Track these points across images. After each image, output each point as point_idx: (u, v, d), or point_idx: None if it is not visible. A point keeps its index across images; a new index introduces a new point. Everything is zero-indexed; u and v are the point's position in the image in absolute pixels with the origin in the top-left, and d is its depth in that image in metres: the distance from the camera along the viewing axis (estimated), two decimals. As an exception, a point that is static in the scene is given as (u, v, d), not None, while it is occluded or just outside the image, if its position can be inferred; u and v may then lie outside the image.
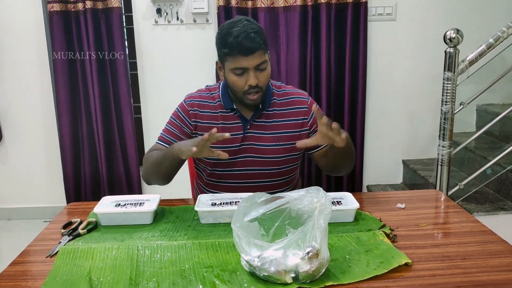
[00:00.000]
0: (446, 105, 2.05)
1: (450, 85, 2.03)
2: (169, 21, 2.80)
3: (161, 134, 1.50)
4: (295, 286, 0.90)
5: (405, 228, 1.17)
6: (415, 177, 2.83)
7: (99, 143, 2.86)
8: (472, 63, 2.07)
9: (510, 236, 1.16)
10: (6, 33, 2.83)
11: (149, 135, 2.99)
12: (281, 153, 1.46)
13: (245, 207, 1.00)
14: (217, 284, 0.92)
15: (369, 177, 3.05)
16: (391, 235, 1.12)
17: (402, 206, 1.32)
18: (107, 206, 1.25)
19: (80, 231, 1.17)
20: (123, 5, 2.76)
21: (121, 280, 0.95)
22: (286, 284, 0.91)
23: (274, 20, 2.74)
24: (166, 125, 1.51)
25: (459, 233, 1.16)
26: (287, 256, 0.91)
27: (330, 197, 0.97)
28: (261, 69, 1.35)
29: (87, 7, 2.66)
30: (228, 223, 1.17)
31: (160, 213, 1.29)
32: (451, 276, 0.94)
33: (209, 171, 1.50)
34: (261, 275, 0.92)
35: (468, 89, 2.52)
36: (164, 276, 0.96)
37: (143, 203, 1.26)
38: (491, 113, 2.75)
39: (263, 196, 1.02)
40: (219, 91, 1.48)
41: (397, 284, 0.92)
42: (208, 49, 2.79)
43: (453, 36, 1.97)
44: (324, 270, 0.93)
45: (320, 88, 2.79)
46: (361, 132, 2.89)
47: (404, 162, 3.02)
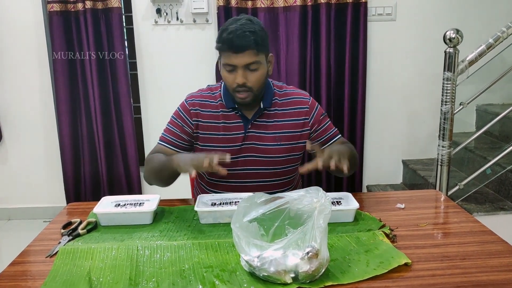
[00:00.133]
0: (446, 105, 2.05)
1: (450, 85, 2.03)
2: (169, 21, 2.80)
3: (162, 134, 1.50)
4: (294, 286, 0.90)
5: (405, 228, 1.17)
6: (415, 177, 2.83)
7: (99, 143, 2.86)
8: (472, 63, 2.07)
9: (509, 236, 1.16)
10: (6, 33, 2.83)
11: (149, 135, 2.99)
12: (282, 153, 1.46)
13: (244, 207, 1.00)
14: (216, 284, 0.92)
15: (369, 177, 3.05)
16: (390, 235, 1.12)
17: (402, 206, 1.32)
18: (106, 206, 1.25)
19: (79, 231, 1.17)
20: (123, 5, 2.76)
21: (120, 280, 0.95)
22: (285, 284, 0.91)
23: (274, 20, 2.74)
24: (167, 125, 1.50)
25: (459, 233, 1.16)
26: (287, 256, 0.91)
27: (329, 197, 0.97)
28: (251, 69, 1.34)
29: (87, 7, 2.66)
30: (228, 223, 1.17)
31: (160, 213, 1.29)
32: (450, 276, 0.94)
33: (210, 170, 1.50)
34: (261, 275, 0.92)
35: (468, 89, 2.52)
36: (164, 276, 0.96)
37: (143, 203, 1.26)
38: (491, 113, 2.75)
39: (262, 197, 1.03)
40: (220, 90, 1.48)
41: (397, 284, 0.92)
42: (208, 49, 2.79)
43: (453, 36, 1.97)
44: (323, 270, 0.93)
45: (320, 88, 2.79)
46: (361, 132, 2.89)
47: (404, 162, 3.02)
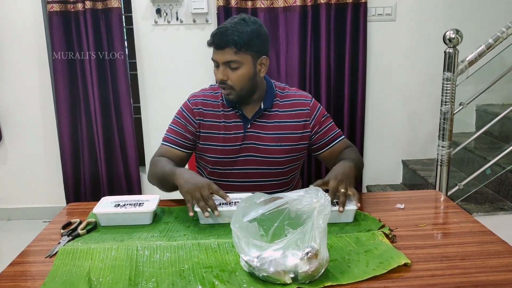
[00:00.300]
0: (445, 105, 2.05)
1: (449, 86, 2.03)
2: (168, 22, 2.80)
3: (165, 135, 1.50)
4: (294, 287, 0.90)
5: (405, 229, 1.17)
6: (415, 177, 2.83)
7: (98, 143, 2.86)
8: (471, 63, 2.07)
9: (509, 237, 1.16)
10: (6, 34, 2.83)
11: (149, 135, 2.99)
12: (282, 154, 1.46)
13: (244, 207, 1.00)
14: (216, 284, 0.92)
15: (369, 177, 3.05)
16: (390, 236, 1.12)
17: (402, 206, 1.32)
18: (106, 207, 1.25)
19: (79, 231, 1.17)
20: (122, 6, 2.76)
21: (120, 280, 0.95)
22: (285, 285, 0.91)
23: (273, 20, 2.74)
24: (170, 125, 1.51)
25: (459, 233, 1.16)
26: (286, 257, 0.91)
27: (329, 198, 0.97)
28: (231, 67, 1.36)
29: (86, 7, 2.66)
30: (227, 224, 1.17)
31: (159, 214, 1.29)
32: (450, 277, 0.94)
33: (210, 169, 1.51)
34: (260, 275, 0.92)
35: (467, 90, 2.52)
36: (164, 276, 0.96)
37: (143, 203, 1.26)
38: (490, 113, 2.75)
39: (262, 197, 1.03)
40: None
41: (396, 285, 0.92)
42: (208, 49, 2.77)
43: (453, 36, 1.97)
44: (323, 271, 0.93)
45: (320, 88, 2.79)
46: (360, 132, 2.89)
47: (404, 162, 3.02)
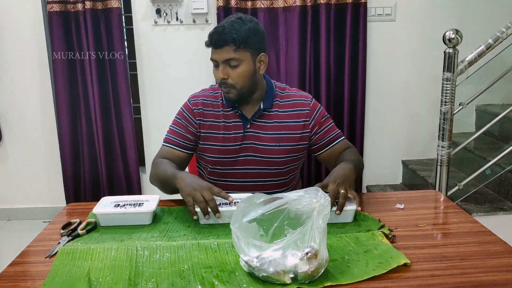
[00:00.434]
0: (445, 105, 2.05)
1: (449, 86, 2.03)
2: (168, 22, 2.80)
3: (166, 136, 1.50)
4: (294, 287, 0.90)
5: (404, 229, 1.17)
6: (415, 177, 2.83)
7: (98, 143, 2.86)
8: (471, 63, 2.07)
9: (509, 237, 1.16)
10: (6, 34, 2.83)
11: (148, 135, 2.99)
12: (282, 154, 1.46)
13: (244, 207, 1.00)
14: (216, 284, 0.92)
15: (369, 177, 3.05)
16: (390, 236, 1.12)
17: (401, 206, 1.32)
18: (106, 207, 1.25)
19: (79, 231, 1.17)
20: (122, 6, 2.76)
21: (120, 280, 0.95)
22: (285, 285, 0.91)
23: (273, 20, 2.74)
24: (170, 126, 1.51)
25: (458, 233, 1.16)
26: (286, 257, 0.91)
27: (328, 198, 0.97)
28: (231, 65, 1.36)
29: (86, 7, 2.66)
30: (227, 224, 1.17)
31: (159, 214, 1.29)
32: (450, 277, 0.94)
33: (210, 169, 1.51)
34: (260, 275, 0.92)
35: (467, 90, 2.52)
36: (163, 276, 0.96)
37: (142, 203, 1.26)
38: (490, 113, 2.75)
39: (262, 197, 1.03)
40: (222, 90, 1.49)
41: (396, 285, 0.92)
42: (208, 49, 2.78)
43: (452, 36, 1.97)
44: (323, 271, 0.93)
45: (320, 88, 2.79)
46: (360, 132, 2.89)
47: (404, 163, 3.02)
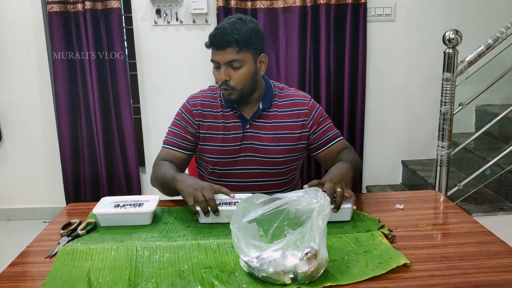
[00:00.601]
0: (445, 105, 2.05)
1: (449, 86, 2.03)
2: (168, 22, 2.80)
3: (166, 137, 1.50)
4: (293, 287, 0.90)
5: (404, 229, 1.17)
6: (415, 177, 2.83)
7: (98, 143, 2.86)
8: (471, 64, 2.07)
9: (509, 237, 1.16)
10: (6, 34, 2.83)
11: (148, 135, 2.99)
12: (281, 154, 1.46)
13: (243, 208, 1.00)
14: (216, 284, 0.92)
15: (369, 177, 3.05)
16: (389, 236, 1.12)
17: (401, 207, 1.32)
18: (106, 207, 1.25)
19: (79, 232, 1.17)
20: (122, 6, 2.76)
21: (120, 281, 0.95)
22: (284, 285, 0.91)
23: (273, 21, 2.74)
24: (169, 128, 1.50)
25: (458, 233, 1.16)
26: (286, 257, 0.91)
27: (328, 198, 0.97)
28: (234, 67, 1.35)
29: (86, 7, 2.66)
30: (227, 224, 1.17)
31: (159, 214, 1.29)
32: (449, 277, 0.94)
33: (210, 169, 1.51)
34: (260, 276, 0.92)
35: (467, 90, 2.52)
36: (163, 276, 0.96)
37: (142, 203, 1.26)
38: (490, 113, 2.75)
39: (261, 197, 1.03)
40: (220, 90, 1.49)
41: (396, 285, 0.92)
42: (208, 50, 2.79)
43: (452, 37, 1.97)
44: (322, 271, 0.93)
45: (320, 89, 2.80)
46: (360, 132, 2.89)
47: (404, 163, 3.02)
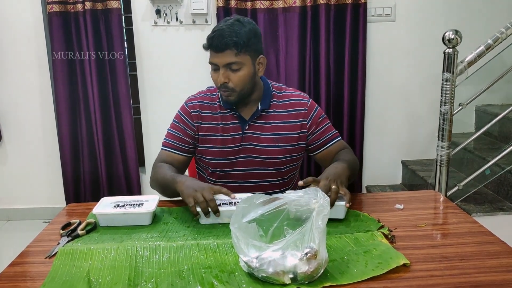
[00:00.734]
0: (445, 106, 2.05)
1: (449, 86, 2.03)
2: (168, 22, 2.80)
3: (165, 140, 1.49)
4: (293, 287, 0.90)
5: (404, 229, 1.17)
6: (414, 177, 2.83)
7: (98, 143, 2.86)
8: (471, 64, 2.07)
9: (508, 237, 1.16)
10: (6, 34, 2.83)
11: (148, 136, 2.99)
12: (280, 154, 1.46)
13: (243, 208, 1.00)
14: (215, 285, 0.92)
15: (368, 177, 3.05)
16: (389, 236, 1.12)
17: (401, 207, 1.32)
18: (106, 207, 1.25)
19: (79, 232, 1.17)
20: (122, 6, 2.76)
21: (119, 281, 0.95)
22: (284, 285, 0.91)
23: (273, 21, 2.74)
24: (168, 130, 1.50)
25: (458, 233, 1.16)
26: (286, 257, 0.91)
27: (328, 198, 0.97)
28: (233, 69, 1.35)
29: (86, 8, 2.66)
30: (227, 224, 1.17)
31: (159, 214, 1.29)
32: (449, 277, 0.94)
33: (210, 171, 1.51)
34: (260, 276, 0.92)
35: (467, 90, 2.52)
36: (163, 276, 0.96)
37: (142, 204, 1.26)
38: (490, 113, 2.76)
39: (261, 197, 1.03)
40: (219, 92, 1.49)
41: (395, 285, 0.92)
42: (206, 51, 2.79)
43: (452, 37, 1.97)
44: (322, 271, 0.93)
45: (319, 89, 2.80)
46: (360, 132, 2.89)
47: (403, 163, 3.02)
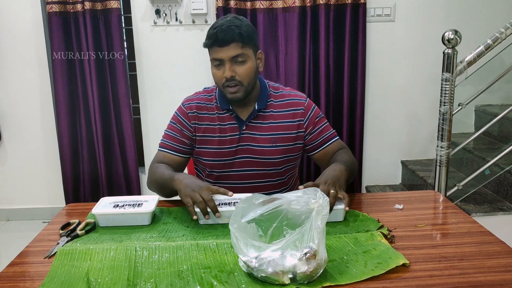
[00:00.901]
0: (444, 106, 2.05)
1: (448, 86, 2.03)
2: (168, 22, 2.80)
3: (162, 140, 1.49)
4: (292, 287, 0.90)
5: (403, 229, 1.17)
6: (414, 177, 2.83)
7: (98, 143, 2.86)
8: (470, 64, 2.08)
9: (508, 237, 1.16)
10: (6, 34, 2.83)
11: (148, 136, 2.99)
12: (278, 154, 1.46)
13: (242, 208, 1.00)
14: (215, 285, 0.92)
15: (368, 177, 3.05)
16: (389, 236, 1.12)
17: (400, 207, 1.32)
18: (105, 207, 1.25)
19: (78, 232, 1.17)
20: (122, 6, 2.76)
21: (119, 281, 0.95)
22: (283, 285, 0.91)
23: (273, 21, 2.74)
24: (165, 131, 1.50)
25: (457, 234, 1.16)
26: (285, 257, 0.91)
27: (327, 198, 0.97)
28: (238, 61, 1.35)
29: (86, 8, 2.66)
30: (226, 224, 1.17)
31: (158, 214, 1.29)
32: (448, 277, 0.94)
33: (207, 172, 1.51)
34: (259, 276, 0.92)
35: (466, 90, 2.53)
36: (162, 277, 0.96)
37: (142, 204, 1.26)
38: (489, 114, 2.76)
39: (260, 197, 1.03)
40: (215, 92, 1.49)
41: (395, 285, 0.92)
42: (207, 50, 2.79)
43: (452, 37, 1.97)
44: (321, 271, 0.93)
45: (319, 89, 2.80)
46: (360, 132, 2.89)
47: (403, 163, 3.02)
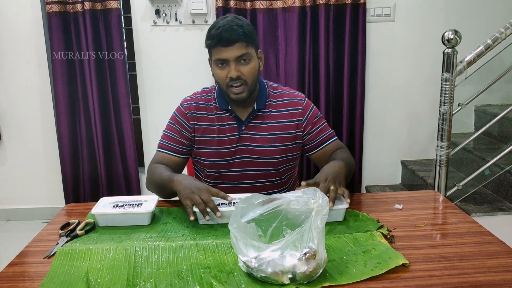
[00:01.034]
0: (444, 106, 2.05)
1: (448, 86, 2.03)
2: (167, 22, 2.80)
3: (160, 141, 1.49)
4: (292, 287, 0.90)
5: (403, 229, 1.17)
6: (414, 177, 2.83)
7: (98, 143, 2.86)
8: (470, 64, 2.08)
9: (508, 237, 1.16)
10: (6, 34, 2.83)
11: (148, 136, 2.99)
12: (277, 154, 1.46)
13: (242, 208, 1.00)
14: (214, 285, 0.92)
15: (368, 177, 3.05)
16: (388, 236, 1.12)
17: (400, 207, 1.32)
18: (105, 207, 1.25)
19: (78, 232, 1.17)
20: (121, 6, 2.76)
21: (118, 281, 0.95)
22: (283, 285, 0.91)
23: (272, 21, 2.74)
24: (164, 131, 1.50)
25: (457, 234, 1.16)
26: (284, 257, 0.91)
27: (327, 198, 0.97)
28: (243, 61, 1.35)
29: (85, 8, 2.66)
30: (225, 224, 1.17)
31: (158, 214, 1.29)
32: (448, 277, 0.94)
33: (206, 172, 1.50)
34: (259, 276, 0.92)
35: (466, 90, 2.52)
36: (162, 277, 0.96)
37: (141, 204, 1.26)
38: (489, 114, 2.76)
39: (260, 197, 1.03)
40: (214, 92, 1.48)
41: (394, 285, 0.92)
42: (207, 50, 2.79)
43: (451, 37, 1.97)
44: (321, 271, 0.93)
45: (319, 89, 2.80)
46: (359, 133, 2.89)
47: (403, 163, 3.02)
